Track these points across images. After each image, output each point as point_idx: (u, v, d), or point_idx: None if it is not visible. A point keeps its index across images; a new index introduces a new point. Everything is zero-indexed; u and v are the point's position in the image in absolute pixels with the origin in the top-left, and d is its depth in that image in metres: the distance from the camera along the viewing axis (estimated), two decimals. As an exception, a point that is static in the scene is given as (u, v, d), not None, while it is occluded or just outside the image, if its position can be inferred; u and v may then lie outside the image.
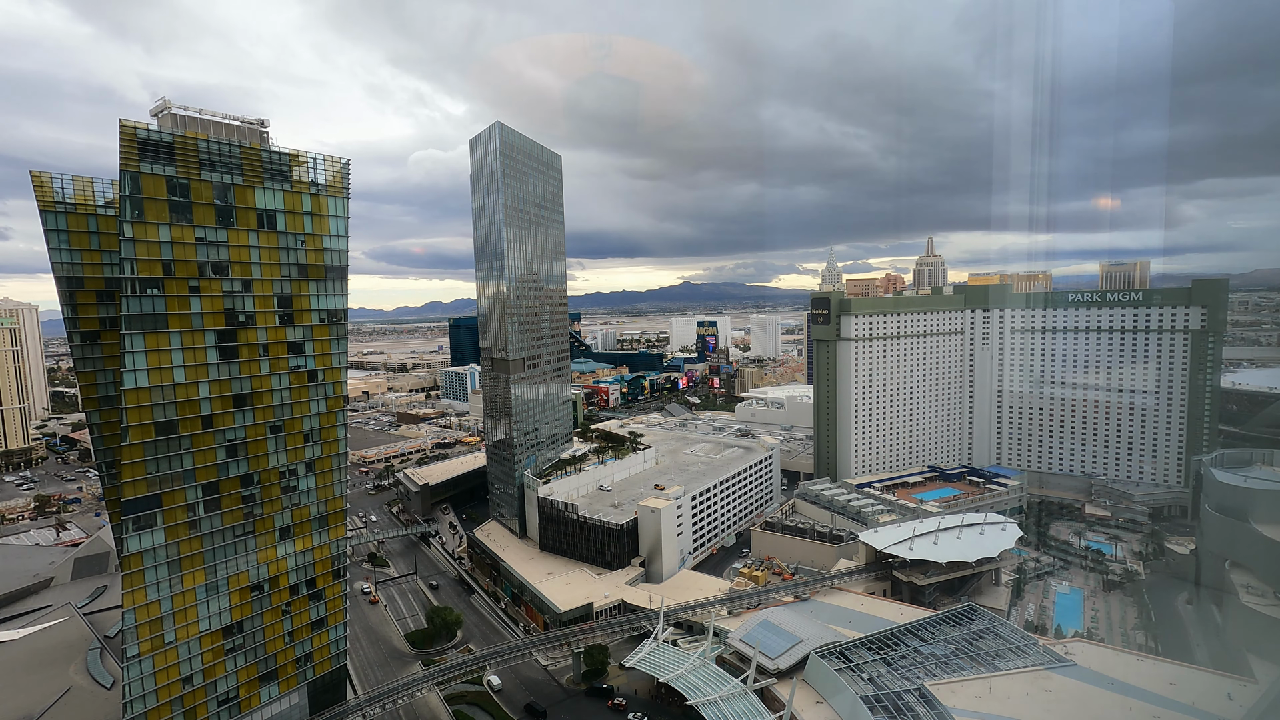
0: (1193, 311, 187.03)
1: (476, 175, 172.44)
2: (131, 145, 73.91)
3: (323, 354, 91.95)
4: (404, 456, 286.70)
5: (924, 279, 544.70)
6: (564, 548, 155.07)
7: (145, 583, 78.15)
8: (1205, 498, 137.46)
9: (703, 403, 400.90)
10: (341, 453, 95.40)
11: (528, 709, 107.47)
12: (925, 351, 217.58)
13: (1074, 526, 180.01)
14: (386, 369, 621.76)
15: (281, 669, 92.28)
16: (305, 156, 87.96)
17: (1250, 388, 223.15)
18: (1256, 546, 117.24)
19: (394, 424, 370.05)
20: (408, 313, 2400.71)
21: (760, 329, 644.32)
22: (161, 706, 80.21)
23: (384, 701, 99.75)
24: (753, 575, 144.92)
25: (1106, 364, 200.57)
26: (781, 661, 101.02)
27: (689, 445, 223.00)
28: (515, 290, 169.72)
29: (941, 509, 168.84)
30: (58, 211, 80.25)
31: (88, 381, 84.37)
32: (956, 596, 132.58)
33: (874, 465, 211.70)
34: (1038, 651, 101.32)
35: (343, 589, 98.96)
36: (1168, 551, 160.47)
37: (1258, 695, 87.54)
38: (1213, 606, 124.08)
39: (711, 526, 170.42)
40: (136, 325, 75.65)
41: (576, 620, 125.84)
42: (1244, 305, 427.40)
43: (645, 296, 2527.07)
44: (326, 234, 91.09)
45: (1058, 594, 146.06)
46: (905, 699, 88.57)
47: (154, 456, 77.78)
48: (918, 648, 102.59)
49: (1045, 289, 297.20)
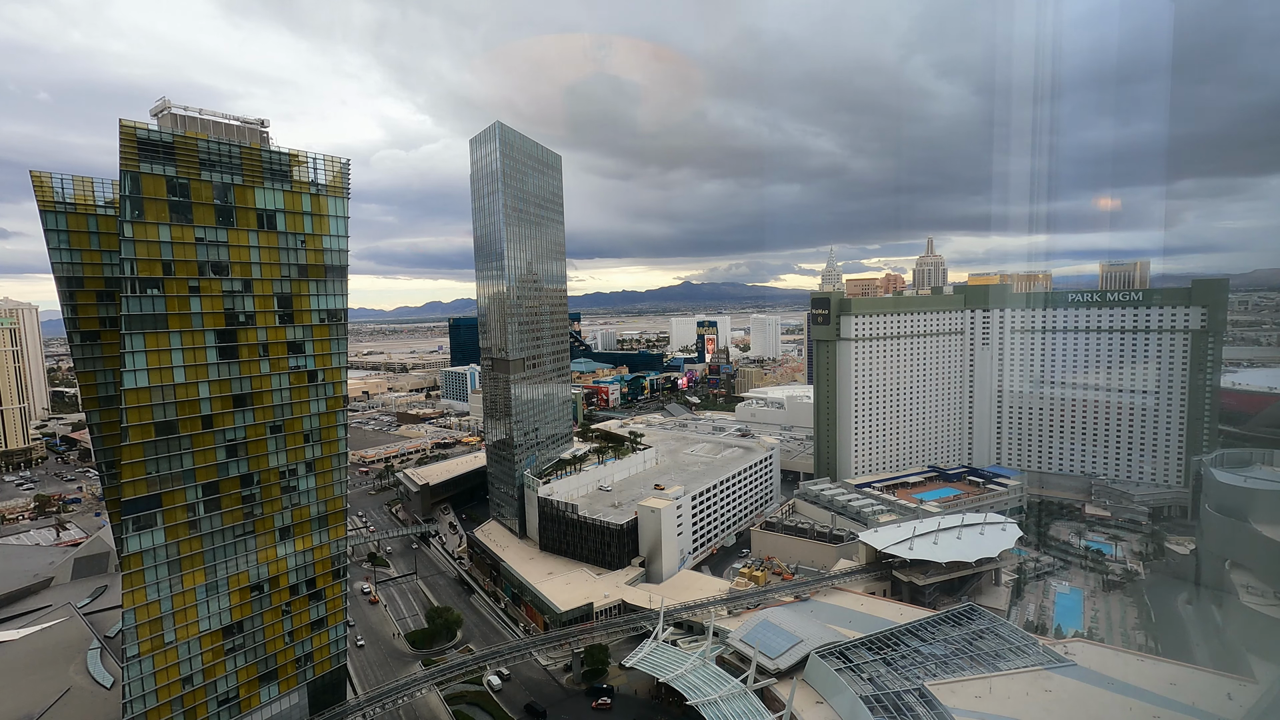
0: (1193, 311, 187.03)
1: (476, 175, 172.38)
2: (131, 145, 73.90)
3: (323, 354, 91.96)
4: (404, 456, 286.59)
5: (924, 279, 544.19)
6: (564, 548, 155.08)
7: (145, 583, 78.15)
8: (1205, 498, 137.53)
9: (703, 403, 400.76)
10: (341, 453, 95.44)
11: (528, 709, 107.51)
12: (925, 351, 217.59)
13: (1074, 526, 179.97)
14: (386, 369, 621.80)
15: (281, 669, 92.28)
16: (305, 156, 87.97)
17: (1250, 388, 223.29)
18: (1256, 546, 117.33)
19: (394, 424, 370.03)
20: (408, 313, 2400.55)
21: (760, 329, 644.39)
22: (161, 706, 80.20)
23: (384, 701, 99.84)
24: (753, 575, 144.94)
25: (1106, 364, 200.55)
26: (781, 661, 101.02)
27: (689, 445, 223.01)
28: (515, 290, 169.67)
29: (941, 509, 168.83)
30: (58, 211, 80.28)
31: (88, 381, 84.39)
32: (956, 596, 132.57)
33: (874, 465, 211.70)
34: (1038, 651, 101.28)
35: (343, 589, 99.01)
36: (1168, 551, 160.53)
37: (1258, 695, 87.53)
38: (1213, 606, 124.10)
39: (711, 526, 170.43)
40: (136, 325, 75.65)
41: (576, 620, 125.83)
42: (1244, 305, 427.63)
43: (645, 296, 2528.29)
44: (326, 234, 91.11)
45: (1058, 594, 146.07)
46: (905, 699, 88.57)
47: (154, 456, 77.77)
48: (918, 648, 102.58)
49: (1045, 289, 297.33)
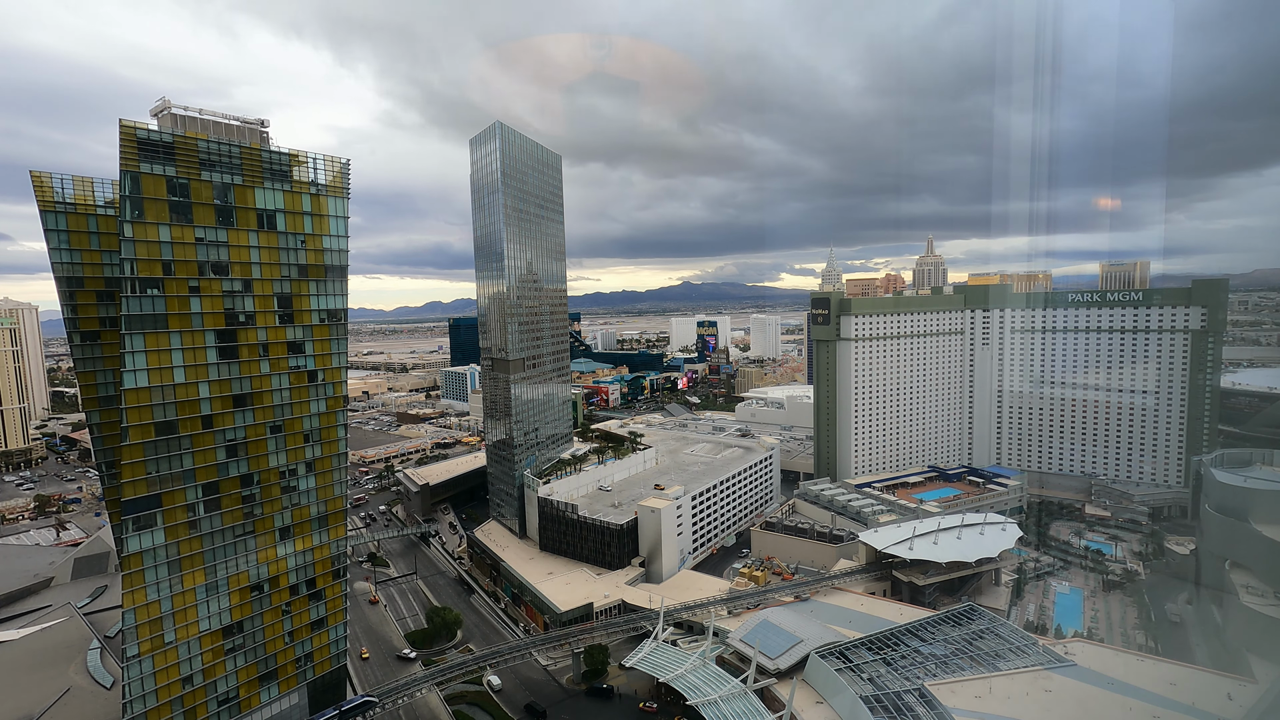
0: (1193, 311, 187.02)
1: (476, 175, 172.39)
2: (131, 145, 73.93)
3: (323, 354, 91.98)
4: (404, 456, 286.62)
5: (924, 279, 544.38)
6: (564, 548, 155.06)
7: (145, 583, 78.20)
8: (1205, 498, 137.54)
9: (703, 403, 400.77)
10: (341, 453, 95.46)
11: (528, 709, 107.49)
12: (925, 351, 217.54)
13: (1074, 526, 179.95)
14: (386, 369, 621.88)
15: (281, 669, 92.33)
16: (305, 156, 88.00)
17: (1250, 388, 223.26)
18: (1256, 546, 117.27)
19: (394, 424, 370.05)
20: (408, 313, 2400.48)
21: (760, 329, 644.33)
22: (161, 706, 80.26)
23: (384, 702, 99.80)
24: (753, 575, 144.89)
25: (1106, 364, 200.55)
26: (781, 661, 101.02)
27: (689, 445, 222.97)
28: (515, 290, 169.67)
29: (941, 509, 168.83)
30: (58, 211, 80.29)
31: (88, 381, 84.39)
32: (956, 596, 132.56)
33: (874, 465, 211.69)
34: (1038, 651, 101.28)
35: (343, 589, 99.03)
36: (1168, 551, 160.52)
37: (1258, 695, 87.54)
38: (1213, 606, 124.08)
39: (711, 526, 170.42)
40: (136, 325, 75.67)
41: (576, 620, 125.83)
42: (1244, 305, 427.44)
43: (645, 296, 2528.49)
44: (326, 234, 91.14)
45: (1058, 594, 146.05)
46: (905, 699, 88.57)
47: (154, 456, 77.81)
48: (918, 648, 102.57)
49: (1045, 289, 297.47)
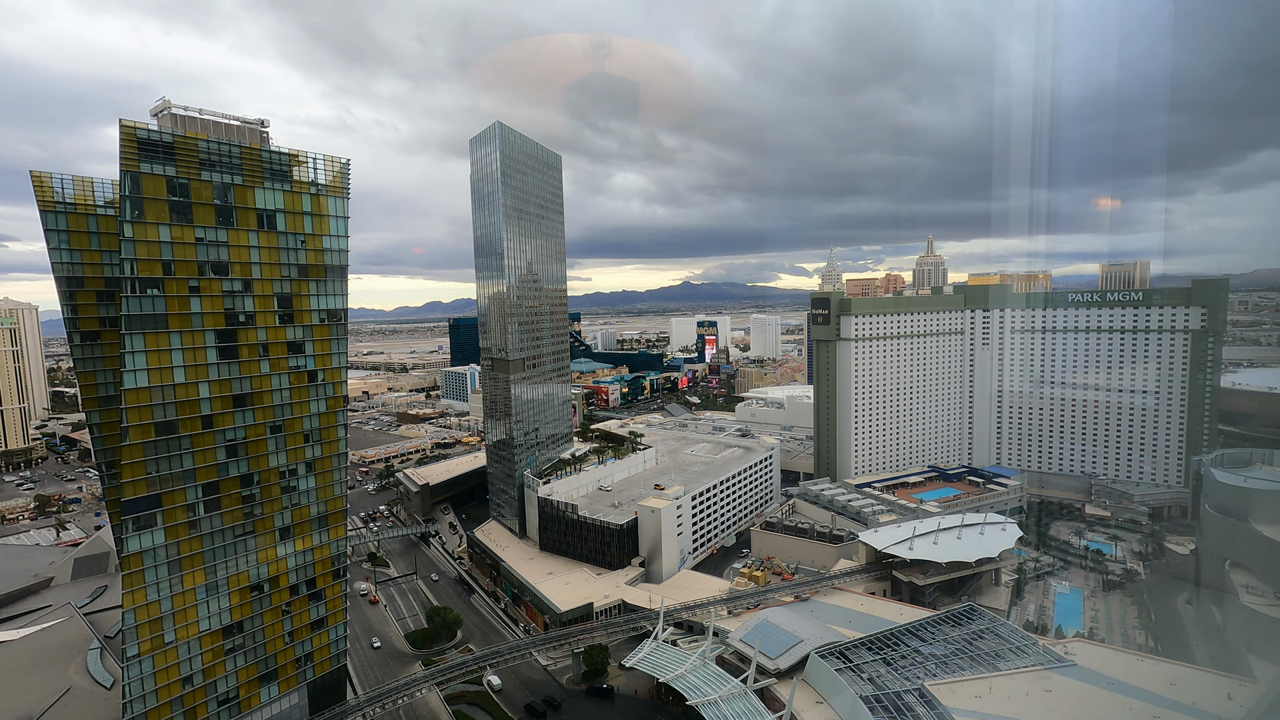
0: (1193, 311, 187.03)
1: (476, 175, 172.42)
2: (131, 145, 73.89)
3: (323, 354, 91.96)
4: (404, 456, 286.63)
5: (924, 279, 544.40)
6: (564, 548, 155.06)
7: (145, 583, 78.16)
8: (1205, 498, 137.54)
9: (703, 403, 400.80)
10: (341, 453, 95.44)
11: (528, 709, 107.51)
12: (925, 351, 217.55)
13: (1074, 526, 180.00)
14: (386, 369, 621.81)
15: (281, 669, 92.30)
16: (305, 156, 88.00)
17: (1250, 388, 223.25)
18: (1256, 546, 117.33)
19: (394, 424, 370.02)
20: (408, 313, 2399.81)
21: (760, 329, 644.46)
22: (161, 706, 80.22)
23: (384, 701, 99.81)
24: (753, 575, 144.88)
25: (1106, 364, 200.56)
26: (781, 661, 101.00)
27: (689, 445, 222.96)
28: (515, 290, 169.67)
29: (941, 509, 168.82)
30: (58, 211, 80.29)
31: (88, 381, 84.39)
32: (956, 596, 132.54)
33: (874, 465, 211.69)
34: (1038, 651, 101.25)
35: (342, 589, 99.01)
36: (1168, 551, 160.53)
37: (1258, 695, 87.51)
38: (1213, 606, 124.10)
39: (711, 526, 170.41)
40: (136, 325, 75.65)
41: (576, 620, 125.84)
42: (1244, 305, 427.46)
43: (645, 296, 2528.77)
44: (326, 234, 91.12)
45: (1058, 594, 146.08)
46: (905, 699, 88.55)
47: (154, 456, 77.78)
48: (918, 648, 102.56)
49: (1045, 289, 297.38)
